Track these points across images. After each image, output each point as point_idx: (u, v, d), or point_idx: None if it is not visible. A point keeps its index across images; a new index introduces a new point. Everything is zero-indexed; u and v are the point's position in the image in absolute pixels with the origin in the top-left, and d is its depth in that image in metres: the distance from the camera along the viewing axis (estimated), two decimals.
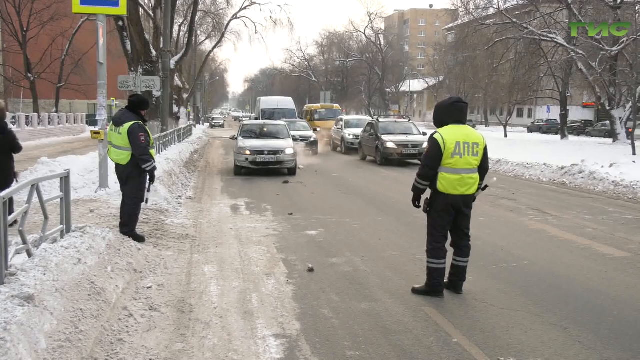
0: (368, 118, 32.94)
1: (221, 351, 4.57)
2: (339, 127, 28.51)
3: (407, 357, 4.51)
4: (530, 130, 58.36)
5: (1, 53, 50.40)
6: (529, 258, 6.89)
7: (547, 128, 54.67)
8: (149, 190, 7.90)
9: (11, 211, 6.03)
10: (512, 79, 37.07)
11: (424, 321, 5.26)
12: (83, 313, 4.64)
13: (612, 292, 6.12)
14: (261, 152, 16.97)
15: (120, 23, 21.64)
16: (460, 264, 5.98)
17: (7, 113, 24.10)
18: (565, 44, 30.70)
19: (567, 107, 39.70)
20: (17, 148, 8.01)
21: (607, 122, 31.00)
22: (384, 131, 22.17)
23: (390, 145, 20.98)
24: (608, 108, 31.32)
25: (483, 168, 5.86)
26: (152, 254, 7.29)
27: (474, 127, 48.98)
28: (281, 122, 21.00)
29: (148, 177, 7.75)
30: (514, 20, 32.64)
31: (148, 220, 9.26)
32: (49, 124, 38.31)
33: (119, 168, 7.74)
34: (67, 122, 42.56)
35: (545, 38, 31.41)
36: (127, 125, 7.41)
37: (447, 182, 5.69)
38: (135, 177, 7.66)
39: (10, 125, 22.34)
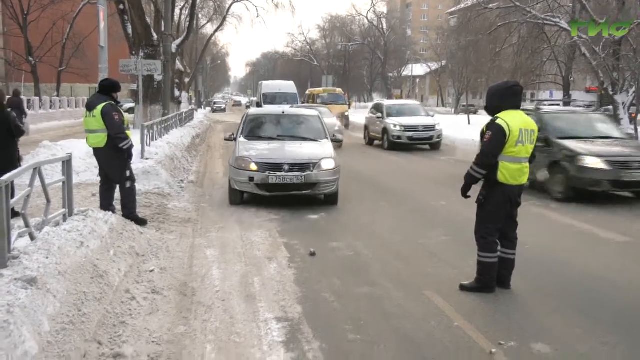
0: (415, 102, 28.56)
1: (223, 334, 4.60)
2: (378, 115, 21.90)
3: (407, 341, 4.53)
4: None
5: (2, 36, 50.16)
6: (529, 243, 6.89)
7: None
8: (128, 175, 7.85)
9: (13, 195, 6.04)
10: (515, 63, 36.81)
11: (425, 305, 5.28)
12: (86, 296, 4.67)
13: (613, 277, 6.13)
14: (278, 168, 9.43)
15: (121, 6, 21.56)
16: (511, 257, 5.65)
17: (23, 97, 24.22)
18: (568, 27, 30.49)
19: (570, 92, 39.53)
20: (18, 132, 7.96)
21: (610, 107, 30.84)
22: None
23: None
24: (611, 93, 31.18)
25: (532, 156, 5.60)
26: (154, 238, 7.31)
27: (475, 112, 48.83)
28: (311, 110, 13.16)
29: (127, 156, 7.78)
30: (517, 4, 32.38)
31: (150, 204, 9.28)
32: (51, 107, 38.23)
33: (97, 152, 7.79)
34: (68, 106, 42.46)
35: (548, 22, 31.18)
36: (100, 106, 7.46)
37: (508, 172, 5.37)
38: (115, 159, 7.70)
39: (26, 110, 22.37)
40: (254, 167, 9.46)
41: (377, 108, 22.53)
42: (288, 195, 9.52)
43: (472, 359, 4.24)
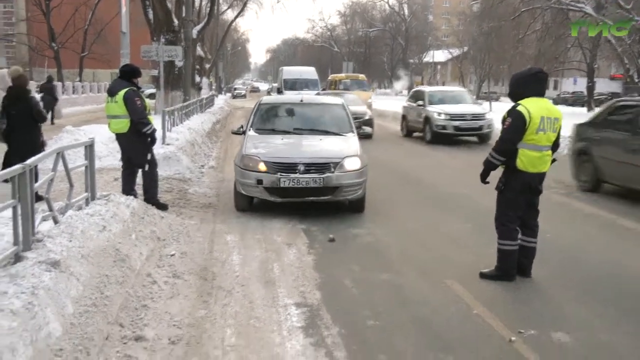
0: (460, 88, 25.95)
1: (243, 318, 4.64)
2: (419, 103, 19.52)
3: (426, 327, 4.53)
4: (556, 102, 57.07)
5: (25, 22, 50.68)
6: (551, 231, 6.83)
7: (573, 100, 53.68)
8: (148, 159, 7.89)
9: (37, 179, 6.12)
10: (538, 50, 36.35)
11: (443, 293, 5.27)
12: (108, 279, 4.73)
13: (636, 267, 6.07)
14: (291, 168, 7.92)
15: None
16: (531, 245, 5.62)
17: (56, 83, 24.53)
18: (593, 13, 29.97)
19: (595, 79, 38.92)
20: (40, 117, 8.00)
21: (636, 95, 30.42)
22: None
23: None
24: (637, 80, 30.64)
25: (555, 144, 5.53)
26: (175, 222, 7.37)
27: (497, 99, 48.31)
28: (334, 98, 12.00)
29: (149, 140, 7.84)
30: None
31: (171, 189, 9.36)
32: (73, 93, 38.53)
33: (120, 138, 7.85)
34: (90, 91, 42.78)
35: (573, 7, 30.67)
36: (122, 92, 7.49)
37: (527, 160, 5.31)
38: (137, 144, 7.75)
39: (58, 96, 22.59)
40: (262, 167, 7.89)
41: (417, 95, 20.46)
42: (303, 202, 8.07)
43: (491, 346, 4.23)
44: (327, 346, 4.18)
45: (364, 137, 9.44)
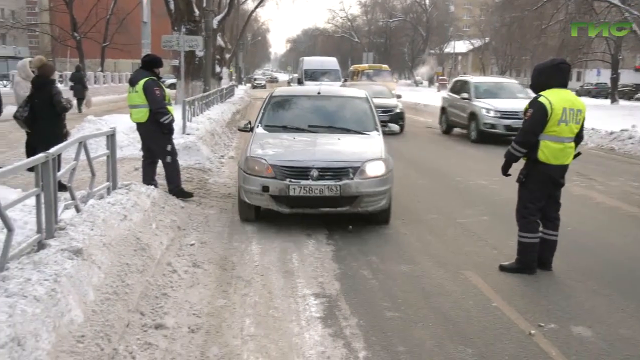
0: (512, 80, 21.46)
1: (262, 308, 4.66)
2: (463, 96, 17.24)
3: (445, 319, 4.52)
4: (579, 94, 56.35)
5: (49, 12, 51.13)
6: (572, 224, 6.77)
7: (596, 92, 52.94)
8: (169, 148, 7.93)
9: (59, 168, 6.18)
10: (561, 40, 35.87)
11: (463, 285, 5.25)
12: (129, 267, 4.78)
13: None
14: (303, 173, 6.84)
15: None
16: (552, 238, 5.55)
17: (84, 72, 25.07)
18: (619, 3, 29.48)
19: (619, 71, 38.32)
20: (60, 107, 7.92)
21: None
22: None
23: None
24: None
25: (579, 136, 5.46)
26: (195, 212, 7.42)
27: None
28: (356, 90, 9.95)
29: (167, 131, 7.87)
30: None
31: (191, 178, 9.41)
32: (95, 82, 38.90)
33: (140, 127, 7.89)
34: (112, 81, 43.16)
35: None
36: (142, 81, 7.54)
37: (549, 152, 5.26)
38: (157, 134, 7.78)
39: (89, 84, 23.29)
40: (269, 171, 6.80)
41: (461, 87, 18.03)
42: (316, 213, 6.93)
43: (511, 339, 4.20)
44: (346, 337, 4.19)
45: (390, 134, 8.35)
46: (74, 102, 18.24)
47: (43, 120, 7.67)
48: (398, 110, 18.01)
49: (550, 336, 4.24)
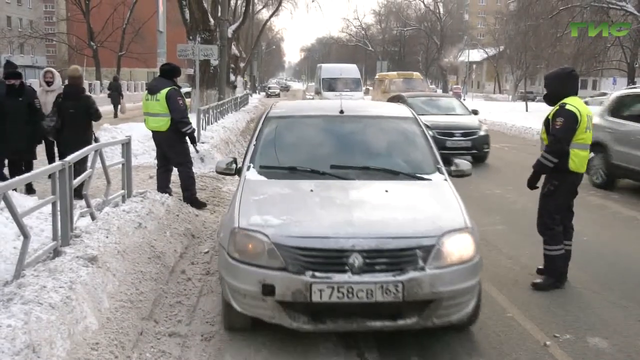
0: None
1: None
2: (604, 112, 10.41)
3: (459, 329, 4.47)
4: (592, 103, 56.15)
5: (66, 22, 51.81)
6: (588, 234, 6.71)
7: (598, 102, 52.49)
8: (197, 151, 7.97)
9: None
10: (577, 49, 35.64)
11: None
12: (143, 275, 4.80)
13: None
14: (335, 260, 3.75)
15: None
16: (568, 247, 5.46)
17: (122, 82, 26.25)
18: (635, 12, 29.29)
19: (635, 79, 38.01)
20: (97, 116, 8.10)
21: None
22: None
23: None
24: None
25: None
26: (209, 220, 7.44)
27: (534, 99, 47.58)
28: (398, 107, 6.78)
29: (189, 140, 7.91)
30: None
31: (205, 187, 9.45)
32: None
33: (158, 136, 7.84)
34: (127, 89, 43.49)
35: (613, 6, 30.01)
36: (165, 91, 7.51)
37: (579, 160, 5.22)
38: (177, 143, 7.80)
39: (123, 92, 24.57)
40: (273, 255, 3.81)
41: (631, 106, 10.25)
42: (360, 330, 3.98)
43: (526, 350, 4.16)
44: (359, 347, 4.16)
45: (458, 176, 5.19)
46: (110, 107, 21.79)
47: (74, 129, 7.73)
48: (482, 133, 12.60)
49: (566, 347, 4.20)
